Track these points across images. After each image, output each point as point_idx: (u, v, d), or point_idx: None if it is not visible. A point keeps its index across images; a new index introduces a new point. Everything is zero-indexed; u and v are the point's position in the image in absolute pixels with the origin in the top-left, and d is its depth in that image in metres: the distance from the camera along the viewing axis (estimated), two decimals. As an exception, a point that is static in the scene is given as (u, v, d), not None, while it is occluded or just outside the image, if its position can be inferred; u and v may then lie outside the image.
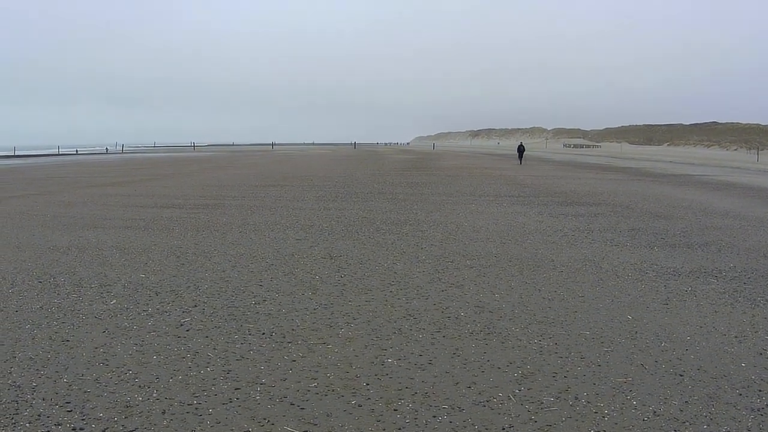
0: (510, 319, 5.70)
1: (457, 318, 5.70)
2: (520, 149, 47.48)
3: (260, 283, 6.96)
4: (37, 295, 6.52)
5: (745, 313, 6.07)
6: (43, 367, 4.48)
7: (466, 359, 4.67)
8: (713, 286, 7.16)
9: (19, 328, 5.37)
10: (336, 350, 4.84)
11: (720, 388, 4.20)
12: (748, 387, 4.22)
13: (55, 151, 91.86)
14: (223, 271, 7.57)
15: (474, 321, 5.62)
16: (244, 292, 6.59)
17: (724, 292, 6.87)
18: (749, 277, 7.64)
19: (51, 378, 4.27)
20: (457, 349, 4.88)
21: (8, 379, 4.24)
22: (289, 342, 5.02)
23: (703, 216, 13.91)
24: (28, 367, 4.49)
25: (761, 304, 6.38)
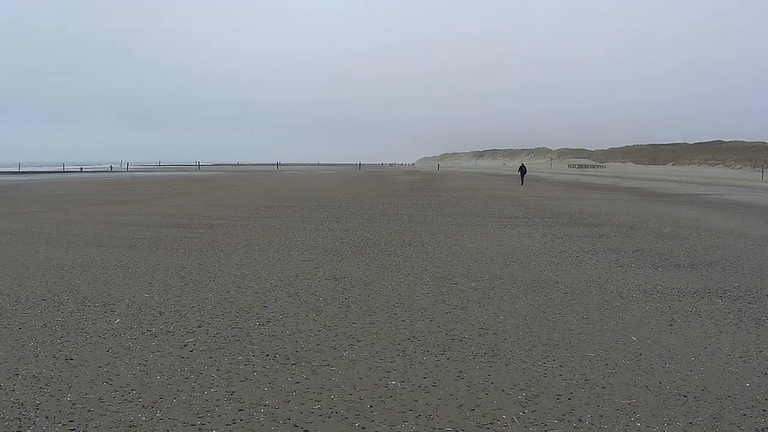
0: (514, 341, 5.69)
1: (461, 340, 5.69)
2: (522, 170, 48.53)
3: (264, 305, 6.97)
4: (41, 312, 6.55)
5: (749, 332, 6.06)
6: (47, 385, 4.50)
7: (470, 381, 4.66)
8: (718, 306, 7.14)
9: (23, 346, 5.39)
10: (340, 372, 4.84)
11: (724, 408, 4.18)
12: (752, 407, 4.20)
13: (60, 168, 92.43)
14: (228, 292, 7.58)
15: (478, 343, 5.61)
16: (248, 313, 6.60)
17: (729, 312, 6.85)
18: (754, 297, 7.62)
19: (54, 396, 4.28)
20: (461, 372, 4.87)
21: (11, 397, 4.26)
22: (293, 364, 5.02)
23: (708, 235, 13.89)
24: (32, 384, 4.50)
25: (766, 324, 6.35)
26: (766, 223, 17.23)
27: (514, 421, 3.96)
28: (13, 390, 4.39)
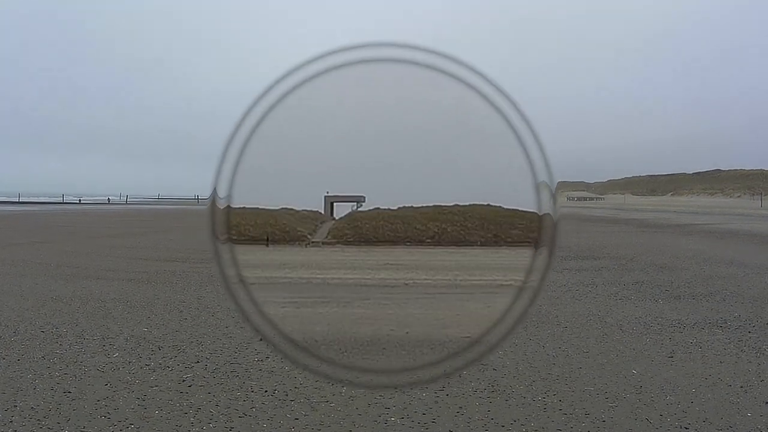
0: (514, 376, 5.66)
1: (460, 376, 5.66)
2: None
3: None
4: (40, 344, 6.53)
5: (750, 362, 6.04)
6: (45, 417, 4.47)
7: (469, 417, 4.64)
8: (718, 336, 7.13)
9: (21, 378, 5.37)
10: (339, 408, 4.81)
11: (726, 443, 4.16)
12: (754, 440, 4.18)
13: (59, 199, 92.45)
14: (226, 327, 7.56)
15: (477, 379, 5.57)
16: (246, 348, 6.57)
17: (729, 342, 6.84)
18: (754, 326, 7.61)
19: (52, 429, 4.26)
20: (460, 408, 4.84)
21: (9, 429, 4.24)
22: (292, 400, 4.99)
23: (707, 265, 13.89)
24: (30, 417, 4.48)
25: (767, 353, 6.34)
26: (766, 252, 17.24)
27: (514, 456, 3.93)
28: (11, 421, 4.37)
